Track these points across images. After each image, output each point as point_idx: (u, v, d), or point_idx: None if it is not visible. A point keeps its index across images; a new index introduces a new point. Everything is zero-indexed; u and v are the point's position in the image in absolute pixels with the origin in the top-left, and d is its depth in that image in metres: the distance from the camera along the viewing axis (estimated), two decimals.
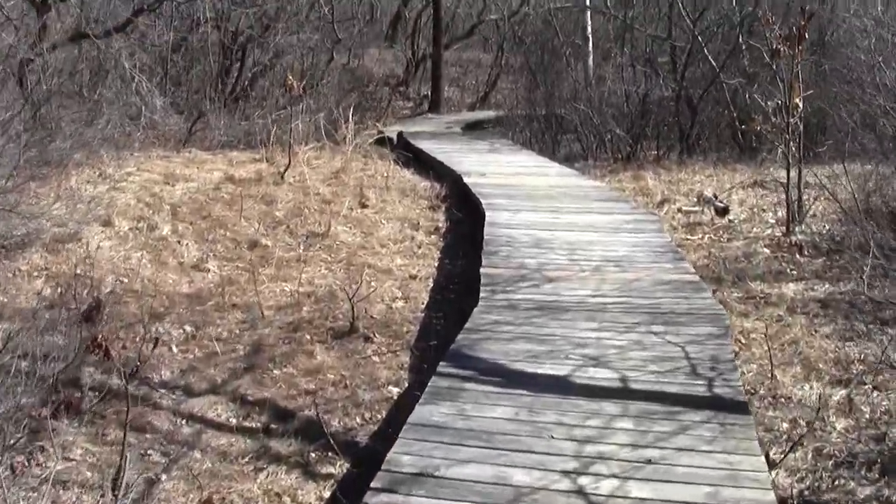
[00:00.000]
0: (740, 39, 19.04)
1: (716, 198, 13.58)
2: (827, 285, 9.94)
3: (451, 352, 6.88)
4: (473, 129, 25.56)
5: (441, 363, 6.63)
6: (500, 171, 15.31)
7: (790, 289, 9.80)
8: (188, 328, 9.04)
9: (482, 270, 9.05)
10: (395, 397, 7.47)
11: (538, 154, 18.85)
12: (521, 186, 13.80)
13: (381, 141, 21.23)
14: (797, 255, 10.95)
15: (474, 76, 34.84)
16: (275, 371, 8.03)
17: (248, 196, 13.36)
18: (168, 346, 8.58)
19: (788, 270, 10.44)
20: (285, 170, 14.59)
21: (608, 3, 22.76)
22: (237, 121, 20.18)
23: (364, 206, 13.20)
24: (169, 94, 22.79)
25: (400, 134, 20.61)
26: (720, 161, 18.13)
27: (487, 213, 11.62)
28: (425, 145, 18.73)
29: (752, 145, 19.41)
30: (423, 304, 9.68)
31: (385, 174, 15.27)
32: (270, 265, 10.81)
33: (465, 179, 14.14)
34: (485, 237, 10.47)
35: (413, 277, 10.43)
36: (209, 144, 18.90)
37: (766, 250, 11.28)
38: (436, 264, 11.01)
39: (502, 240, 10.35)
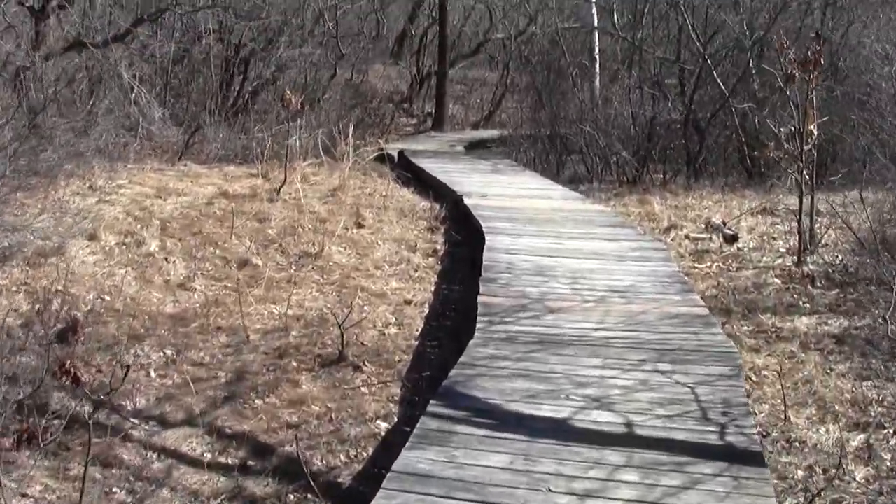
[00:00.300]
0: (751, 64, 18.60)
1: (724, 225, 13.13)
2: (841, 320, 9.46)
3: (442, 389, 6.38)
4: (477, 147, 25.16)
5: (431, 402, 6.13)
6: (503, 193, 14.86)
7: (803, 323, 9.32)
8: (169, 351, 8.60)
9: (480, 299, 8.52)
10: (384, 433, 7.00)
11: (542, 176, 18.40)
12: (523, 209, 13.33)
13: (382, 158, 20.80)
14: (809, 287, 10.48)
15: (479, 95, 34.46)
16: (257, 401, 7.56)
17: (241, 213, 12.93)
18: (146, 371, 8.14)
19: (801, 303, 9.96)
20: (280, 186, 14.14)
21: (616, 25, 22.36)
22: (236, 135, 19.73)
23: (360, 225, 12.73)
24: (169, 105, 22.41)
25: (401, 152, 20.18)
26: (728, 186, 17.69)
27: (487, 238, 11.13)
28: (426, 164, 18.29)
29: (761, 170, 18.96)
30: (417, 331, 9.21)
31: (383, 193, 14.83)
32: (260, 286, 10.37)
33: (466, 201, 13.69)
34: (484, 263, 9.95)
35: (408, 302, 9.96)
36: (205, 158, 18.50)
37: (777, 281, 10.81)
38: (432, 289, 10.54)
39: (502, 266, 9.83)
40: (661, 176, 18.84)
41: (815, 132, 11.33)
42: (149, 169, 16.39)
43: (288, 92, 14.41)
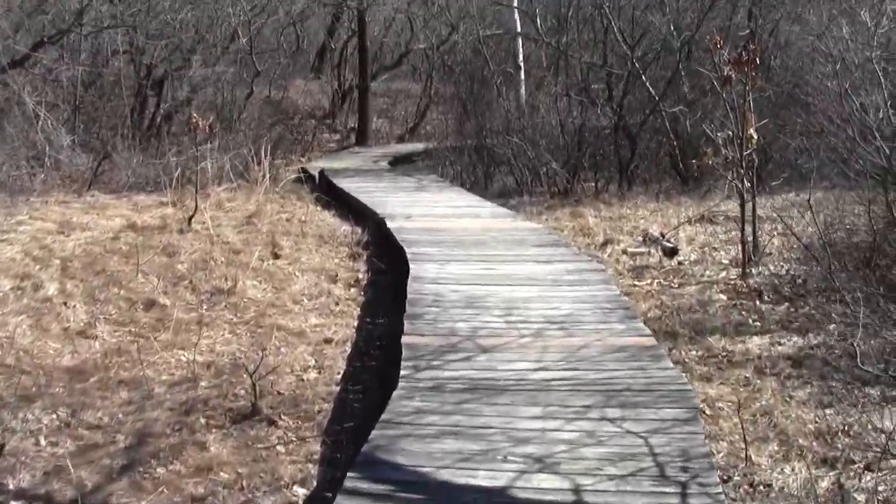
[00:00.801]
0: (679, 66, 18.01)
1: (663, 237, 12.50)
2: (795, 338, 8.83)
3: (361, 456, 5.53)
4: (402, 162, 24.41)
5: (349, 474, 5.27)
6: (428, 213, 14.07)
7: (755, 343, 8.68)
8: (63, 413, 7.72)
9: (404, 340, 7.64)
10: (301, 503, 6.20)
11: (469, 191, 17.66)
12: (450, 231, 12.55)
13: (304, 178, 19.99)
14: (757, 302, 9.85)
15: (403, 107, 33.70)
16: (158, 469, 6.70)
17: (149, 247, 12.06)
18: (35, 439, 7.25)
19: (750, 321, 9.32)
20: (191, 216, 13.26)
21: (540, 30, 21.65)
22: (149, 160, 18.75)
23: (277, 256, 11.89)
24: (78, 132, 21.42)
25: (321, 172, 19.35)
26: (662, 193, 17.12)
27: (412, 266, 10.27)
28: (347, 184, 17.44)
29: (696, 176, 18.40)
30: (338, 373, 8.41)
31: (302, 218, 14.04)
32: (167, 329, 9.50)
33: (389, 224, 12.84)
34: (408, 296, 9.07)
35: (328, 341, 9.14)
36: (115, 187, 17.55)
37: (723, 297, 10.17)
38: (355, 323, 9.74)
39: (428, 299, 8.96)
40: (594, 185, 18.20)
41: (756, 137, 10.69)
42: (53, 202, 15.43)
43: (195, 115, 13.50)
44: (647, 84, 18.13)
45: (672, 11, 18.78)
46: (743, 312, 9.57)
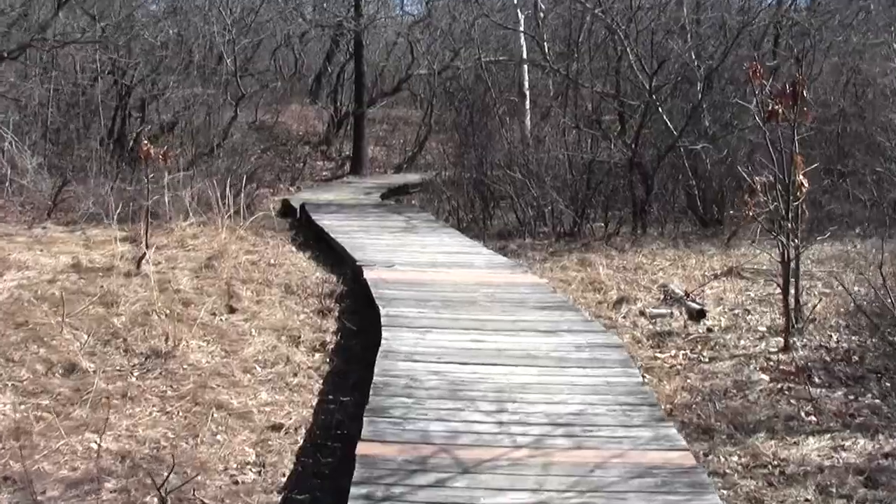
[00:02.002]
0: (700, 97, 16.25)
1: (687, 295, 10.72)
2: (861, 441, 6.96)
3: None
4: (397, 194, 22.68)
5: None
6: (414, 260, 12.18)
7: (812, 447, 6.83)
8: None
9: (359, 449, 5.63)
10: None
11: (465, 230, 15.88)
12: (436, 285, 10.65)
13: (286, 211, 18.23)
14: (807, 386, 8.03)
15: (402, 135, 31.99)
16: None
17: (86, 294, 10.30)
18: None
19: (802, 413, 7.49)
20: (140, 258, 11.48)
21: (548, 56, 19.88)
22: (119, 189, 16.94)
23: (232, 309, 10.08)
24: (48, 154, 19.72)
25: (303, 206, 17.54)
26: (680, 238, 15.35)
27: (385, 335, 8.33)
28: (328, 221, 15.56)
29: (716, 219, 16.65)
30: (284, 475, 6.59)
31: (271, 261, 12.27)
32: (84, 403, 7.69)
33: (367, 274, 10.92)
34: (375, 379, 7.13)
35: (277, 427, 7.31)
36: (75, 217, 15.78)
37: (764, 377, 8.37)
38: (314, 402, 7.92)
39: (400, 383, 6.99)
40: (603, 227, 16.43)
41: (806, 184, 8.89)
42: None
43: (146, 142, 11.73)
44: (665, 118, 16.36)
45: (694, 38, 17.07)
46: (792, 401, 7.74)
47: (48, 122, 20.12)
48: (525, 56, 22.20)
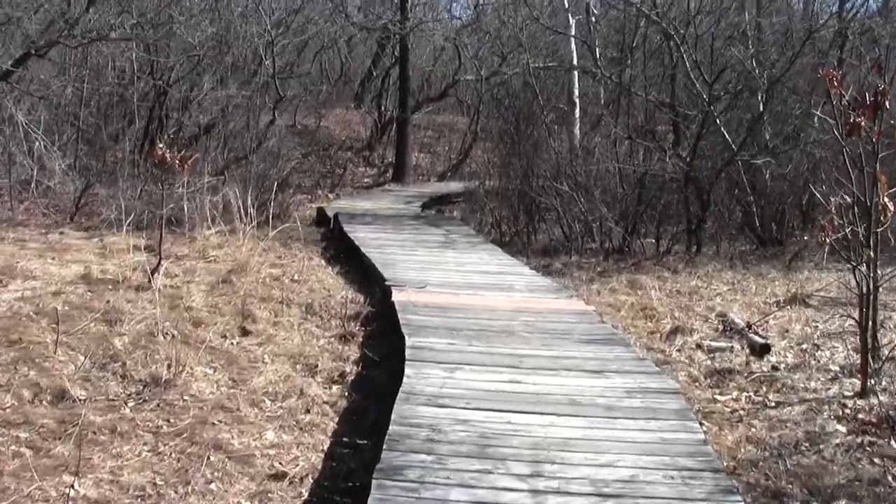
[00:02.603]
0: (763, 108, 15.18)
1: (749, 327, 9.68)
2: None
3: None
4: (439, 203, 21.73)
5: None
6: (448, 281, 11.17)
7: None
8: None
9: None
10: None
11: (508, 246, 14.91)
12: (471, 310, 9.59)
13: (320, 221, 17.34)
14: (891, 440, 6.98)
15: (448, 142, 31.07)
16: None
17: (90, 310, 9.45)
18: None
19: (889, 478, 6.43)
20: (153, 270, 10.60)
21: (599, 62, 18.83)
22: (147, 193, 16.11)
23: (246, 331, 9.15)
24: (79, 156, 18.98)
25: (336, 216, 16.63)
26: (737, 259, 14.31)
27: (408, 371, 7.30)
28: (361, 233, 14.63)
29: (776, 238, 15.58)
30: None
31: (295, 276, 11.35)
32: (67, 438, 6.80)
33: (396, 296, 9.91)
34: (391, 428, 6.10)
35: (281, 476, 6.35)
36: (97, 222, 14.98)
37: (840, 427, 7.31)
38: (326, 444, 6.95)
39: (420, 435, 5.93)
40: (654, 243, 15.40)
41: (891, 206, 7.82)
42: (10, 240, 12.94)
43: (160, 144, 10.84)
44: (723, 130, 15.30)
45: (756, 44, 16.00)
46: (875, 459, 6.68)
47: (80, 122, 19.31)
48: (575, 62, 21.19)
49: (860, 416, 7.48)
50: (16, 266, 11.27)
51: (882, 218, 7.80)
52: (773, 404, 7.84)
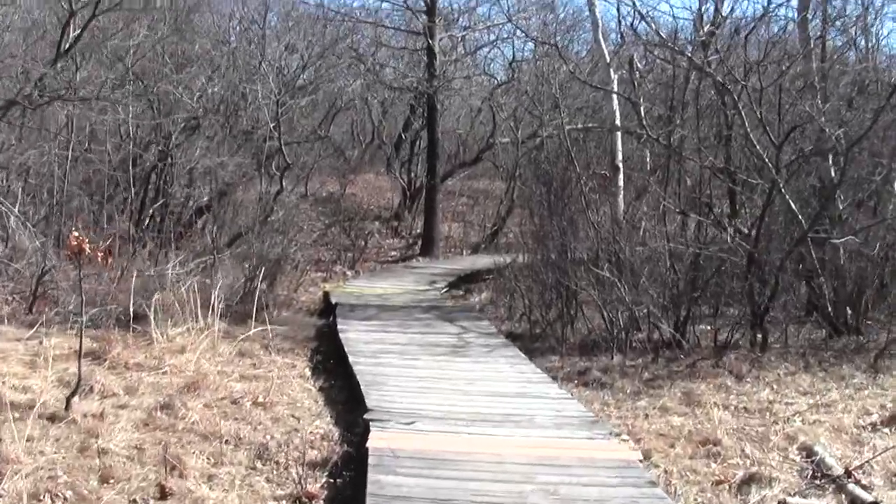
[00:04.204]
0: (841, 175, 12.72)
1: (848, 474, 7.22)
2: None
3: None
4: (467, 282, 19.45)
5: None
6: (450, 409, 8.52)
7: None
8: None
9: None
10: None
11: (534, 347, 12.48)
12: (471, 465, 6.90)
13: (327, 308, 15.07)
14: None
15: (483, 210, 28.86)
16: None
17: None
18: None
19: None
20: (72, 393, 8.31)
21: (645, 122, 16.39)
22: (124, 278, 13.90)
23: (165, 493, 6.74)
24: (60, 233, 16.82)
25: (335, 306, 14.28)
26: (811, 355, 11.82)
27: None
28: (355, 333, 12.07)
29: (854, 325, 13.08)
30: None
31: (260, 397, 9.00)
32: None
33: (373, 441, 7.26)
34: None
35: None
36: (51, 315, 12.74)
37: None
38: None
39: None
40: (710, 331, 12.95)
41: None
42: None
43: (75, 233, 8.56)
44: (791, 202, 12.84)
45: (824, 97, 13.56)
46: None
47: (63, 193, 17.21)
48: (618, 122, 18.80)
49: None
50: None
51: None
52: None
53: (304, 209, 26.14)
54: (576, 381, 10.62)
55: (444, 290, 17.95)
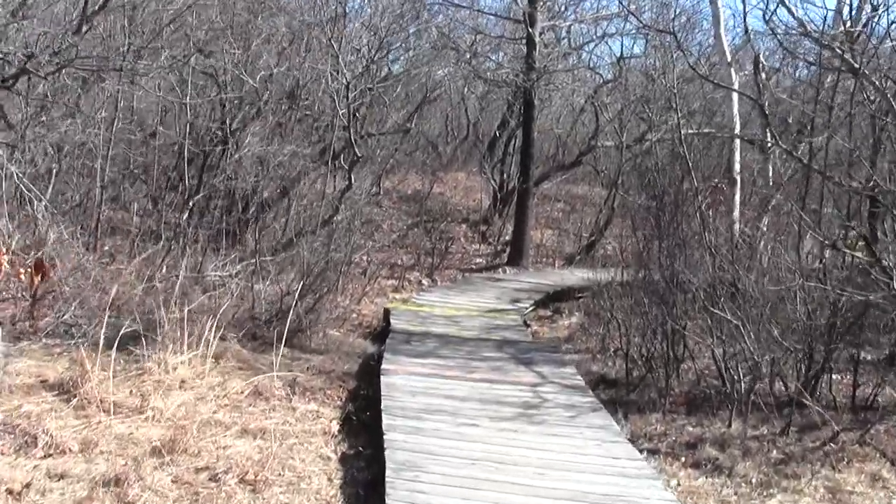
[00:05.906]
0: None
1: None
2: None
3: None
4: (556, 301, 16.99)
5: None
6: None
7: None
8: None
9: None
10: None
11: (629, 400, 9.98)
12: None
13: (384, 332, 12.71)
14: None
15: (580, 217, 26.30)
16: None
17: None
18: None
19: None
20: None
21: (772, 129, 13.74)
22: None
23: None
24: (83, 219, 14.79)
25: (388, 330, 11.92)
26: None
27: None
28: (402, 376, 9.36)
29: None
30: None
31: (249, 473, 6.66)
32: None
33: None
34: None
35: None
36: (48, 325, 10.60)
37: None
38: None
39: None
40: (847, 388, 10.38)
41: None
42: None
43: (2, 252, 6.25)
44: None
45: None
46: None
47: (104, 180, 15.10)
48: (738, 129, 16.12)
49: None
50: None
51: None
52: None
53: (386, 207, 23.94)
54: (683, 460, 8.13)
55: (529, 309, 15.45)
